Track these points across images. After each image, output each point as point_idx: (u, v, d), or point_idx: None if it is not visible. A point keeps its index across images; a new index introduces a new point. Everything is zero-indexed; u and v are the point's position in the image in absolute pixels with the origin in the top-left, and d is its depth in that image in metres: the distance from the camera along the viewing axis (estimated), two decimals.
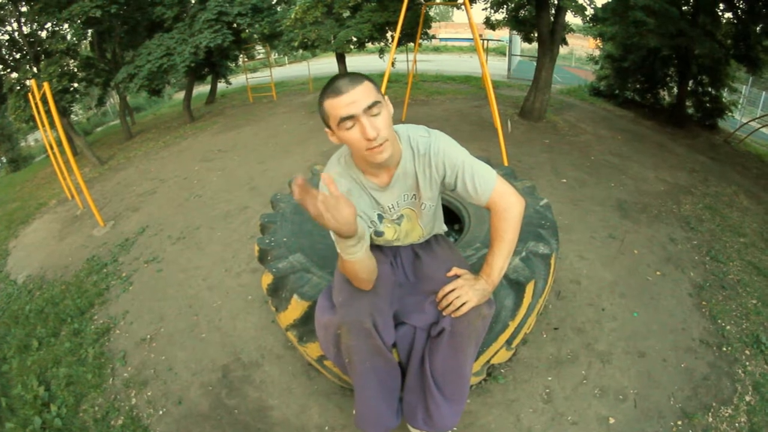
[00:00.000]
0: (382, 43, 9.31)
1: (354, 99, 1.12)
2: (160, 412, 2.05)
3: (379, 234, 1.46)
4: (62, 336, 2.76)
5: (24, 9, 8.02)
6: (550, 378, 2.05)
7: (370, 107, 1.13)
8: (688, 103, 8.93)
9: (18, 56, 8.49)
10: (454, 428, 1.65)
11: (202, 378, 2.20)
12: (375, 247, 1.59)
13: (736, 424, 1.88)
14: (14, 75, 8.12)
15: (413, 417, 1.52)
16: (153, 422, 2.01)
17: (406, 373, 1.51)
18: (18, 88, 7.68)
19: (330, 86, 1.16)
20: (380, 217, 1.42)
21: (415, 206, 1.43)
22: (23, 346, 2.73)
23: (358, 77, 1.15)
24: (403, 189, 1.38)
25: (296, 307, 1.75)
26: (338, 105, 1.13)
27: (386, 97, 1.24)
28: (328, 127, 1.21)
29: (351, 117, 1.13)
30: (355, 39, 8.26)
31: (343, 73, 1.19)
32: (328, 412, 1.93)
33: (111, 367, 2.38)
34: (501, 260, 1.34)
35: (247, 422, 1.94)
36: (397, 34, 4.91)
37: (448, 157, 1.30)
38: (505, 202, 1.31)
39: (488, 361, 1.85)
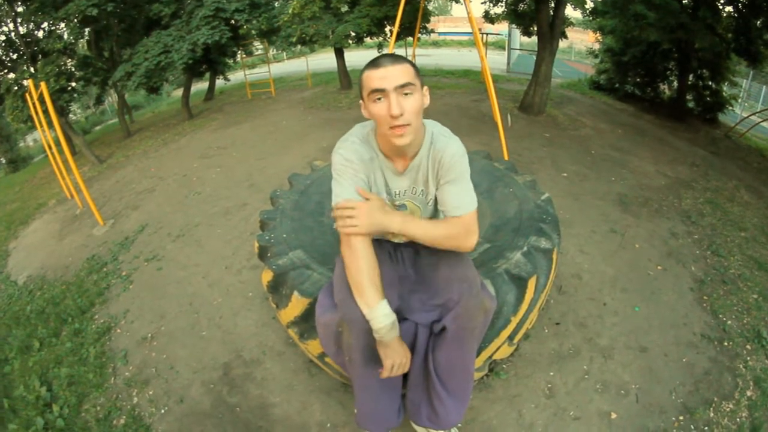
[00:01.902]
0: (381, 38, 9.28)
1: (389, 74, 1.17)
2: (162, 411, 2.05)
3: None
4: (63, 336, 2.75)
5: (20, 9, 7.97)
6: (551, 373, 2.04)
7: (402, 86, 1.18)
8: (688, 97, 8.91)
9: (15, 56, 8.45)
10: (458, 424, 1.65)
11: (203, 376, 2.20)
12: (374, 242, 1.58)
13: (738, 419, 1.88)
14: (11, 75, 8.09)
15: (417, 414, 1.52)
16: (155, 421, 2.01)
17: (408, 371, 1.50)
18: (15, 88, 7.65)
19: (373, 60, 1.22)
20: (385, 199, 1.42)
21: (422, 203, 1.44)
22: (24, 347, 2.73)
23: (401, 58, 1.21)
24: (414, 181, 1.39)
25: (297, 304, 1.74)
26: (373, 77, 1.19)
27: (426, 88, 1.28)
28: (362, 97, 1.26)
29: (382, 90, 1.18)
30: (353, 34, 8.23)
31: (390, 54, 1.24)
32: (329, 409, 1.93)
33: (112, 367, 2.38)
34: (429, 231, 1.31)
35: (249, 420, 1.94)
36: (395, 29, 4.88)
37: (456, 165, 1.33)
38: (466, 228, 1.32)
39: (490, 357, 1.85)
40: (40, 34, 8.62)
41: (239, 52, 11.46)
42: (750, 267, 3.02)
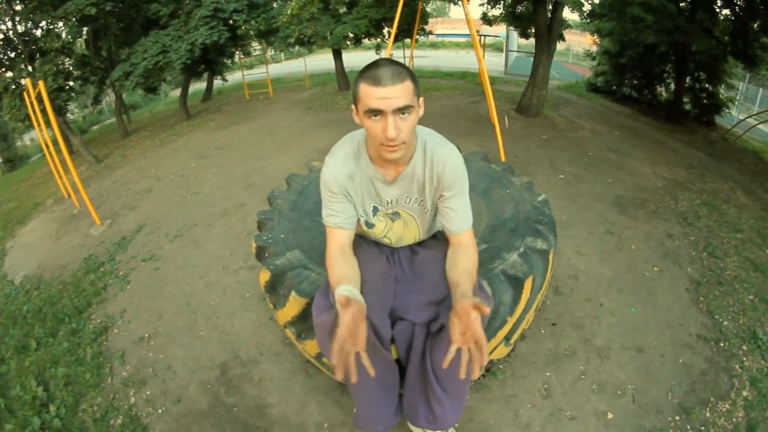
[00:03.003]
0: (379, 39, 9.29)
1: (389, 95, 1.10)
2: (159, 411, 2.05)
3: (369, 226, 1.46)
4: (60, 336, 2.75)
5: (18, 7, 7.95)
6: (548, 373, 2.05)
7: (401, 109, 1.12)
8: (685, 100, 8.94)
9: (13, 55, 8.42)
10: (456, 425, 1.65)
11: (200, 376, 2.20)
12: (372, 243, 1.58)
13: (734, 419, 1.89)
14: (9, 74, 8.05)
15: (414, 415, 1.52)
16: (152, 421, 2.00)
17: (405, 370, 1.51)
18: (13, 87, 7.63)
19: (372, 70, 1.12)
20: (375, 209, 1.43)
21: (418, 212, 1.44)
22: (21, 347, 2.72)
23: (402, 73, 1.12)
24: (407, 190, 1.38)
25: (294, 304, 1.74)
26: (372, 95, 1.11)
27: (421, 99, 1.22)
28: (355, 106, 1.20)
29: (380, 111, 1.12)
30: (351, 35, 8.24)
31: (389, 61, 1.15)
32: (327, 409, 1.93)
33: (109, 367, 2.37)
34: (473, 285, 1.25)
35: (246, 420, 1.94)
36: (393, 30, 4.90)
37: (459, 177, 1.32)
38: (470, 242, 1.37)
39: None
40: (38, 32, 8.60)
41: (237, 52, 11.46)
42: (746, 268, 3.03)
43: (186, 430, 1.94)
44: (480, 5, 8.63)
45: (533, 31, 7.22)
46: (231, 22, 8.50)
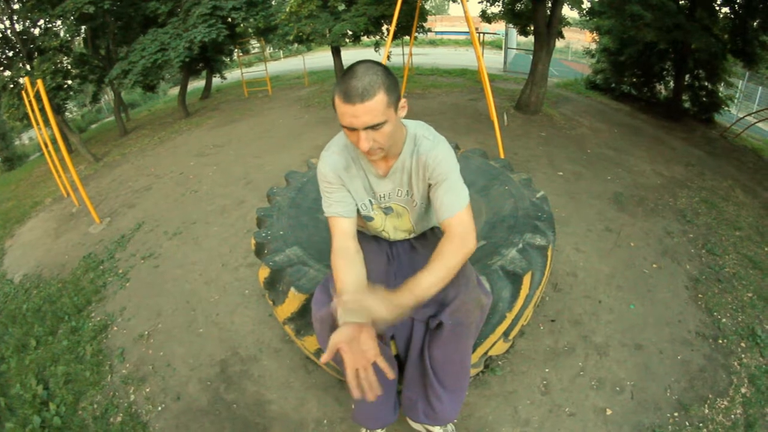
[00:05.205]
0: (378, 37, 9.28)
1: (358, 114, 1.11)
2: (159, 408, 2.05)
3: (369, 219, 1.47)
4: (60, 334, 2.75)
5: (16, 6, 7.93)
6: (547, 370, 2.06)
7: (372, 126, 1.13)
8: (684, 98, 8.93)
9: (11, 54, 8.41)
10: (454, 420, 1.66)
11: (200, 373, 2.20)
12: (371, 239, 1.59)
13: (732, 416, 1.90)
14: (7, 73, 8.04)
15: (413, 411, 1.52)
16: (152, 418, 2.01)
17: (404, 367, 1.51)
18: (11, 86, 7.61)
19: (345, 81, 1.11)
20: (371, 203, 1.44)
21: (408, 204, 1.45)
22: (21, 346, 2.72)
23: (374, 87, 1.09)
24: (398, 183, 1.39)
25: (293, 300, 1.75)
26: (343, 111, 1.12)
27: (403, 100, 1.21)
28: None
29: (352, 128, 1.14)
30: (350, 32, 8.21)
31: (364, 70, 1.11)
32: (326, 405, 1.93)
33: (109, 364, 2.38)
34: (433, 278, 1.19)
35: (246, 417, 1.94)
36: (392, 28, 4.88)
37: (440, 165, 1.30)
38: (462, 230, 1.26)
39: (486, 353, 1.86)
40: (37, 31, 8.58)
41: (236, 50, 11.43)
42: (745, 266, 3.04)
43: (186, 427, 1.94)
44: (479, 2, 8.62)
45: (532, 28, 7.22)
46: (229, 19, 8.47)
